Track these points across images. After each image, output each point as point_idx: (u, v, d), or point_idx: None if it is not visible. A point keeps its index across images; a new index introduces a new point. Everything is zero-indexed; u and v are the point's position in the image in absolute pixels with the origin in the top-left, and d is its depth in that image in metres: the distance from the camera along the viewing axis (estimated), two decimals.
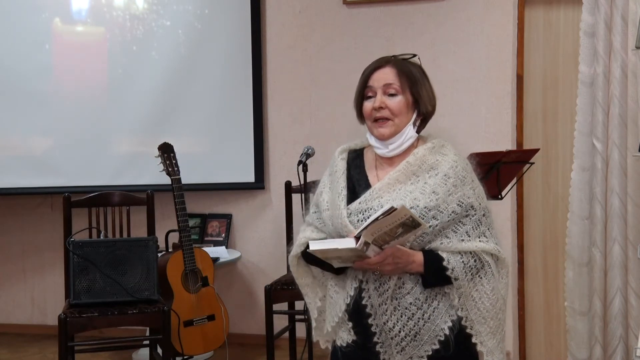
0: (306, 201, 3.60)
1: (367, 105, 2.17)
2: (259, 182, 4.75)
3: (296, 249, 2.22)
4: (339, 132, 4.61)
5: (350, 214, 2.09)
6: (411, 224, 1.93)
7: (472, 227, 2.07)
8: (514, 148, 4.26)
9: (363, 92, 2.20)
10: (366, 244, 1.94)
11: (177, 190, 3.92)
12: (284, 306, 4.19)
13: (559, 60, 4.29)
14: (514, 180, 3.48)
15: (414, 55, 2.19)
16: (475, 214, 2.08)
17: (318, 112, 4.67)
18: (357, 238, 1.94)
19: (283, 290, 3.97)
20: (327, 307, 2.24)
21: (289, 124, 4.72)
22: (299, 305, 4.21)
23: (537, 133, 4.33)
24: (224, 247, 4.64)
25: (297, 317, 4.27)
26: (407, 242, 2.02)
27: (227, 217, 4.83)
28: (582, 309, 3.61)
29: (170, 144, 3.99)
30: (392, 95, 2.13)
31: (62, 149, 4.74)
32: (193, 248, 3.92)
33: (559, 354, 4.24)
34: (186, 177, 4.04)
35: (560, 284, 4.10)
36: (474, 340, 2.08)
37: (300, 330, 4.25)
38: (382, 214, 1.90)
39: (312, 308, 2.30)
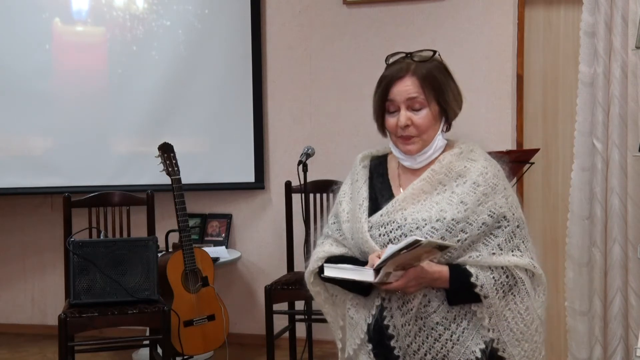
0: (307, 201, 3.62)
1: (391, 121, 1.97)
2: (259, 182, 4.75)
3: (313, 264, 2.05)
4: (339, 132, 4.62)
5: (372, 227, 1.93)
6: (438, 248, 1.80)
7: (505, 240, 1.90)
8: (514, 148, 4.26)
9: (383, 106, 1.98)
10: (387, 274, 1.79)
11: (177, 190, 3.92)
12: (284, 306, 4.19)
13: (559, 60, 4.29)
14: (514, 180, 3.48)
15: (434, 53, 2.02)
16: (508, 225, 1.91)
17: (318, 112, 4.67)
18: (377, 270, 1.78)
19: (283, 290, 3.97)
20: (347, 329, 2.06)
21: (289, 124, 4.72)
22: (299, 305, 4.21)
23: (537, 133, 4.33)
24: (224, 247, 4.64)
25: (297, 317, 4.27)
26: (434, 259, 1.88)
27: (227, 217, 4.83)
28: (582, 309, 3.60)
29: (170, 144, 3.99)
30: (416, 109, 1.94)
31: (62, 149, 4.73)
32: (193, 248, 3.92)
33: (559, 354, 4.24)
34: (186, 177, 4.04)
35: (560, 284, 4.09)
36: None
37: (300, 330, 4.25)
38: (405, 248, 1.72)
39: (335, 328, 2.12)
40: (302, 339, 4.07)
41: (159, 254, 3.82)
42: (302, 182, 3.47)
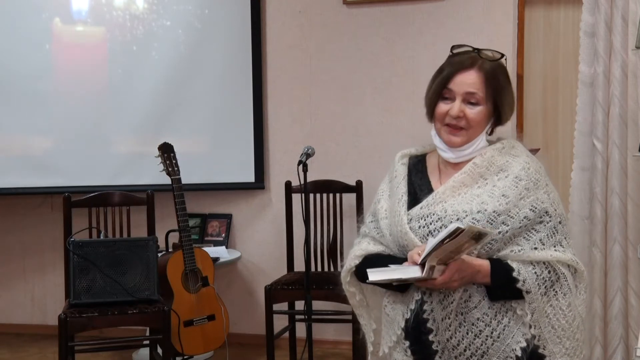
0: (307, 201, 3.61)
1: (443, 107, 1.95)
2: (259, 182, 4.75)
3: (350, 262, 2.03)
4: (339, 132, 4.62)
5: (411, 219, 1.92)
6: (478, 237, 1.76)
7: (547, 235, 1.89)
8: None
9: (440, 92, 1.96)
10: (432, 268, 1.77)
11: (177, 190, 3.92)
12: (284, 306, 4.19)
13: (559, 60, 4.29)
14: None
15: (502, 56, 2.02)
16: (550, 221, 1.91)
17: (318, 112, 4.67)
18: (422, 265, 1.76)
19: (283, 290, 3.97)
20: (383, 327, 2.04)
21: (289, 124, 4.72)
22: (299, 305, 4.21)
23: (537, 133, 4.33)
24: (224, 247, 4.64)
25: (297, 317, 4.28)
26: (473, 250, 1.85)
27: (227, 217, 4.83)
28: None
29: (170, 144, 3.99)
30: (472, 104, 1.93)
31: (62, 149, 4.73)
32: (193, 248, 3.92)
33: None
34: (186, 177, 4.04)
35: None
36: None
37: (300, 330, 4.25)
38: (447, 237, 1.71)
39: (368, 331, 2.12)
40: (302, 339, 4.07)
41: (159, 254, 3.82)
42: (302, 182, 3.46)
